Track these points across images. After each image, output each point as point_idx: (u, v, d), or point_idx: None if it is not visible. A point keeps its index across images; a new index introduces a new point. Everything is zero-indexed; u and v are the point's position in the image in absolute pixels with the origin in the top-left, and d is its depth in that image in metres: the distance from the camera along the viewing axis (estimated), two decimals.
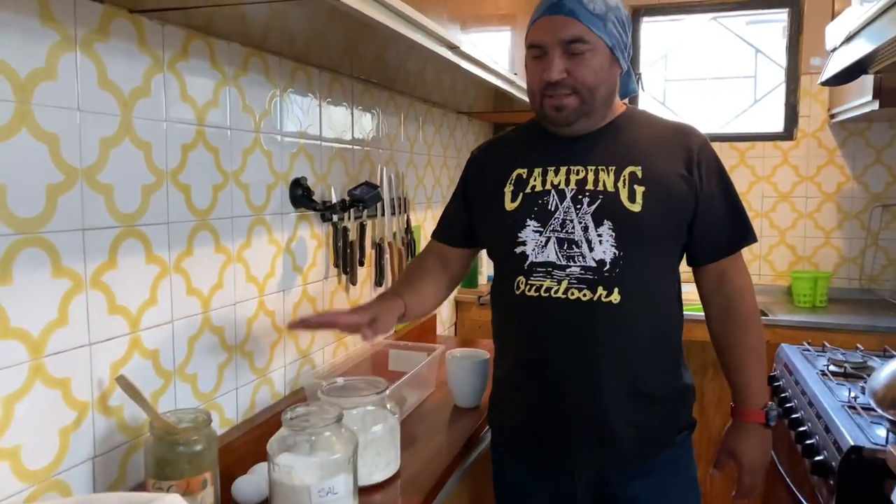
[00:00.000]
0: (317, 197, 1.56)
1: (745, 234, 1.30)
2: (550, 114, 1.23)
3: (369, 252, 1.83)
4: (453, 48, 1.45)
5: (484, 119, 2.91)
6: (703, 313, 1.35)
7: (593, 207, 1.20)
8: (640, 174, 1.21)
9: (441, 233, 1.44)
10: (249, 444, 1.30)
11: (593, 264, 1.18)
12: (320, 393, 1.24)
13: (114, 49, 1.01)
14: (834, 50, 2.06)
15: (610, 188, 1.20)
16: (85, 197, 0.97)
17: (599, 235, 1.19)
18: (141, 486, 1.05)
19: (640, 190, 1.19)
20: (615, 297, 1.17)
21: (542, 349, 1.22)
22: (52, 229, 0.92)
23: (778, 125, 2.86)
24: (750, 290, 1.31)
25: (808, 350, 2.01)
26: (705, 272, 1.31)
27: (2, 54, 0.84)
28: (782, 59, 2.84)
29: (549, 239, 1.21)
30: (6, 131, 0.85)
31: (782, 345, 2.08)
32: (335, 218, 1.59)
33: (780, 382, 1.94)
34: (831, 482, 1.38)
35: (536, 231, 1.22)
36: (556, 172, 1.25)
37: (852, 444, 1.36)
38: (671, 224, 1.22)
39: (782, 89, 2.85)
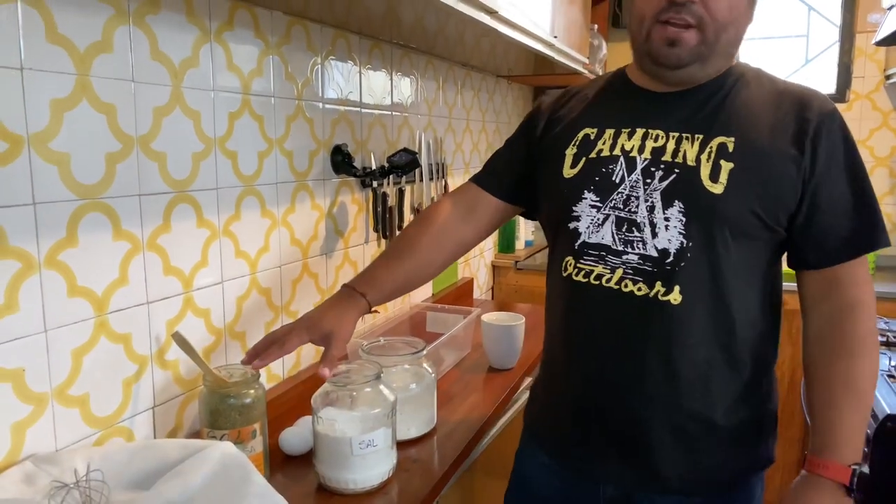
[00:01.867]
0: (357, 163, 1.59)
1: (870, 237, 0.99)
2: (659, 48, 0.99)
3: (408, 217, 1.87)
4: (492, 13, 1.45)
5: (524, 82, 2.89)
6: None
7: (665, 183, 0.99)
8: (730, 147, 0.98)
9: (484, 177, 1.23)
10: (295, 398, 1.37)
11: (654, 253, 0.98)
12: (361, 351, 1.30)
13: (164, 20, 1.05)
14: (891, 8, 1.97)
15: (690, 161, 0.98)
16: (140, 164, 1.03)
17: (666, 219, 0.98)
18: (196, 434, 1.13)
19: (726, 167, 0.97)
20: (675, 297, 0.97)
21: (584, 344, 1.06)
22: (112, 195, 0.98)
23: (830, 87, 2.76)
24: (867, 308, 0.99)
25: None
26: (809, 279, 1.02)
27: (62, 29, 0.89)
28: (837, 16, 2.72)
29: (607, 217, 1.02)
30: (68, 102, 0.91)
31: None
32: (375, 184, 1.63)
33: None
34: (866, 449, 1.39)
35: (594, 206, 1.03)
36: (631, 136, 1.04)
37: (889, 412, 1.36)
38: (763, 213, 0.97)
39: (836, 49, 2.74)
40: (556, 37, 1.95)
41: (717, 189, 0.96)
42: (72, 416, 0.95)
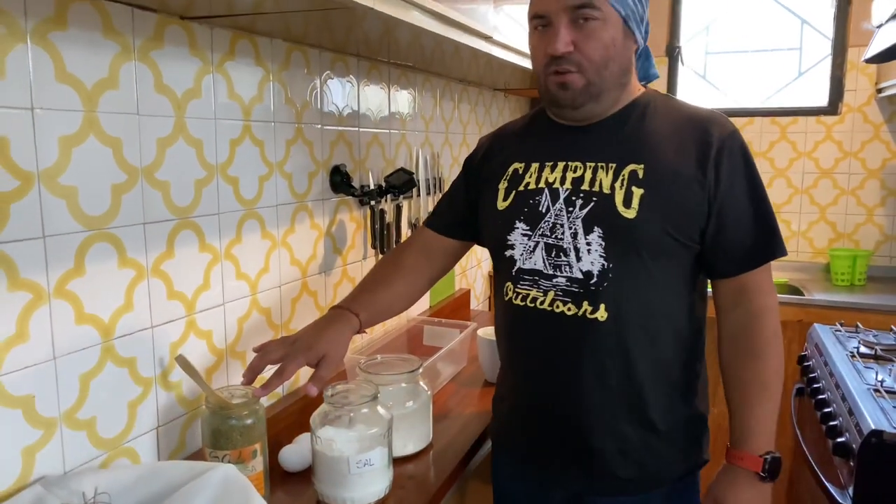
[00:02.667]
0: (355, 182, 1.63)
1: (769, 247, 1.09)
2: (555, 93, 1.08)
3: (405, 232, 1.91)
4: (487, 38, 1.49)
5: (521, 94, 2.93)
6: None
7: (584, 211, 1.07)
8: (640, 174, 1.06)
9: (433, 219, 1.32)
10: (294, 414, 1.41)
11: (580, 276, 1.07)
12: (358, 368, 1.33)
13: (168, 54, 1.09)
14: (880, 26, 2.01)
15: (606, 189, 1.07)
16: (145, 193, 1.07)
17: (588, 244, 1.06)
18: (199, 453, 1.16)
19: (637, 193, 1.05)
20: (601, 314, 1.06)
21: (527, 362, 1.16)
22: (118, 224, 1.02)
23: (822, 99, 2.80)
24: (772, 313, 1.10)
25: (840, 331, 2.02)
26: (720, 288, 1.12)
27: (71, 68, 0.93)
28: (830, 30, 2.76)
29: (537, 244, 1.11)
30: (77, 138, 0.95)
31: (815, 325, 2.10)
32: (372, 202, 1.66)
33: (810, 363, 1.96)
34: (851, 464, 1.42)
35: (525, 234, 1.12)
36: (553, 168, 1.12)
37: (873, 427, 1.39)
38: (675, 233, 1.05)
39: (828, 62, 2.77)
40: None
41: (631, 214, 1.05)
42: (79, 439, 0.99)
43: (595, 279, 1.07)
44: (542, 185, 1.12)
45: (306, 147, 1.47)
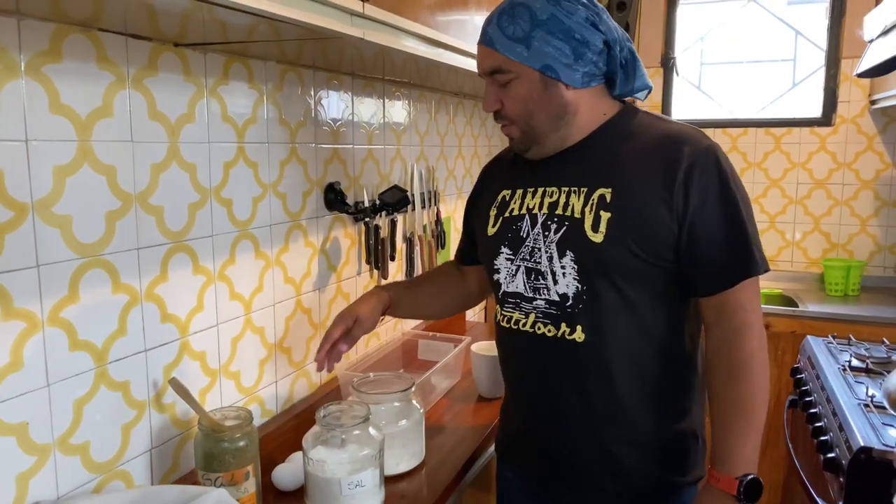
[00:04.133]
0: (350, 199, 1.64)
1: (745, 265, 1.06)
2: (509, 140, 1.18)
3: (400, 247, 1.92)
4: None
5: None
6: None
7: (558, 235, 1.10)
8: (608, 197, 1.07)
9: (458, 253, 1.42)
10: (288, 432, 1.42)
11: (557, 298, 1.10)
12: (351, 387, 1.35)
13: (161, 81, 1.10)
14: (871, 41, 2.02)
15: (577, 213, 1.09)
16: (139, 219, 1.08)
17: (563, 267, 1.10)
18: (192, 474, 1.17)
19: (605, 216, 1.06)
20: (579, 336, 1.09)
21: (518, 383, 1.22)
22: (112, 251, 1.03)
23: (816, 110, 2.81)
24: (753, 331, 1.07)
25: (833, 343, 2.03)
26: (702, 305, 1.11)
27: (66, 99, 0.94)
28: (824, 41, 2.78)
29: (518, 268, 1.15)
30: (71, 167, 0.96)
31: (808, 337, 2.11)
32: (367, 218, 1.67)
33: (803, 375, 1.97)
34: (841, 480, 1.43)
35: (508, 259, 1.16)
36: (534, 194, 1.16)
37: (862, 444, 1.40)
38: (644, 255, 1.06)
39: (822, 73, 2.79)
40: None
41: (598, 238, 1.06)
42: (73, 464, 1.00)
43: (570, 301, 1.09)
44: (523, 210, 1.16)
45: (300, 166, 1.48)
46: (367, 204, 1.67)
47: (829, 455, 1.51)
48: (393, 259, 1.86)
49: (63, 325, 0.96)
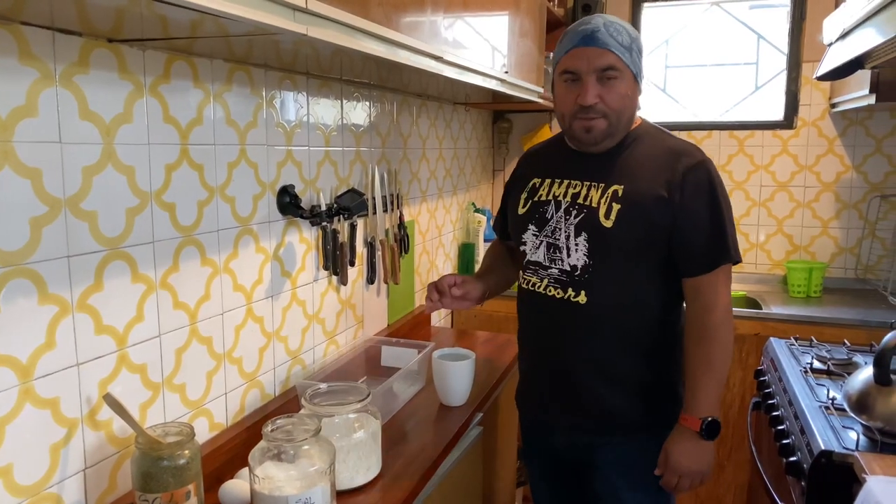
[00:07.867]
0: (305, 202, 1.59)
1: (721, 254, 1.36)
2: (580, 135, 1.38)
3: (360, 251, 1.87)
4: (437, 58, 1.46)
5: (482, 108, 2.91)
6: None
7: (577, 220, 1.39)
8: (620, 193, 1.37)
9: (498, 231, 1.69)
10: (238, 446, 1.36)
11: (568, 268, 1.41)
12: (303, 400, 1.29)
13: (94, 79, 1.04)
14: (830, 45, 2.04)
15: (594, 204, 1.38)
16: (69, 225, 1.01)
17: (577, 245, 1.39)
18: (130, 495, 1.11)
19: (616, 207, 1.36)
20: (581, 298, 1.39)
21: (533, 332, 1.52)
22: (38, 259, 0.97)
23: (778, 113, 2.83)
24: (722, 308, 1.37)
25: (795, 345, 2.03)
26: (685, 285, 1.41)
27: None
28: (785, 45, 2.80)
29: (542, 242, 1.44)
30: None
31: (770, 339, 2.11)
32: (324, 223, 1.62)
33: (766, 377, 1.97)
34: (803, 484, 1.43)
35: (534, 234, 1.46)
36: (560, 185, 1.45)
37: (823, 448, 1.39)
38: (644, 240, 1.36)
39: (784, 77, 2.81)
40: (507, 72, 1.98)
41: (609, 224, 1.36)
42: None
43: (579, 272, 1.40)
44: (549, 197, 1.45)
45: (251, 169, 1.42)
46: (323, 208, 1.62)
47: (791, 459, 1.50)
48: (353, 264, 1.81)
49: None
